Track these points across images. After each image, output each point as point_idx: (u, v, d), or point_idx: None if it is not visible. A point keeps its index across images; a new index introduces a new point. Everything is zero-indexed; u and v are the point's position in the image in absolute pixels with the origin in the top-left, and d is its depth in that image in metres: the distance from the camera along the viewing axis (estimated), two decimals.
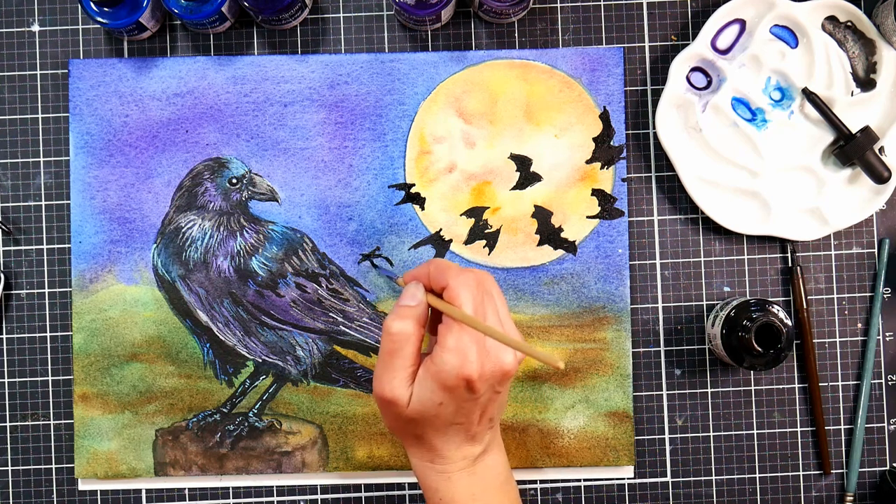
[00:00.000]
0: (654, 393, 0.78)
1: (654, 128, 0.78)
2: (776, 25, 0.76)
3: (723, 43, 0.77)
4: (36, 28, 0.78)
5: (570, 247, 0.77)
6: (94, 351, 0.77)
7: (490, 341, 0.59)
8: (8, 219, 0.78)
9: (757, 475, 0.78)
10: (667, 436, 0.78)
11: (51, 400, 0.78)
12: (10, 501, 0.77)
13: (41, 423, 0.78)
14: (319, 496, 0.78)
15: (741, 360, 0.73)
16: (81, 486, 0.78)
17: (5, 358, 0.78)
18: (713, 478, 0.78)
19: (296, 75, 0.77)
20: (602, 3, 0.78)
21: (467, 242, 0.77)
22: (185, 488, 0.78)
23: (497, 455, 0.64)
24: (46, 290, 0.78)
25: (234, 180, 0.77)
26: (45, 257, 0.78)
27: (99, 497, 0.78)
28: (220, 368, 0.77)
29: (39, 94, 0.78)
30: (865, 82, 0.77)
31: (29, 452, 0.78)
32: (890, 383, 0.78)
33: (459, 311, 0.58)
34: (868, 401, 0.78)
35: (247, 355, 0.77)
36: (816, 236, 0.77)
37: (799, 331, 0.78)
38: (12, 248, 0.78)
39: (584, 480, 0.78)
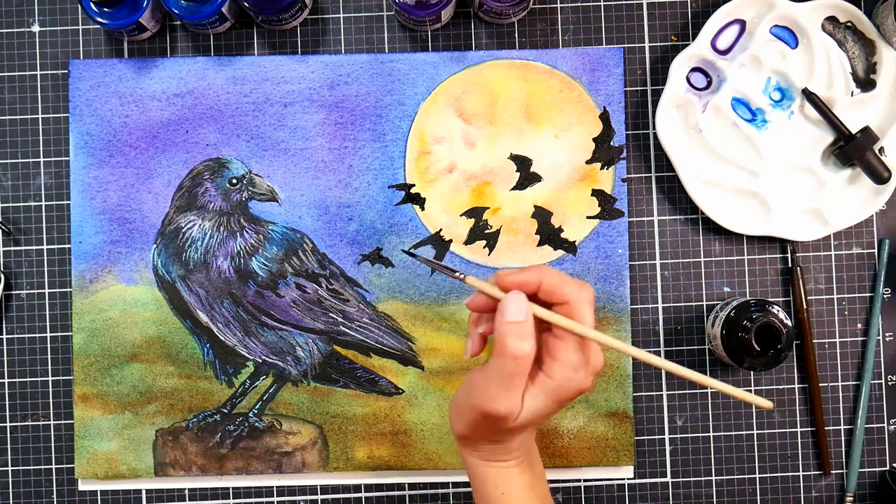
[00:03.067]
0: (654, 393, 0.78)
1: (654, 128, 0.78)
2: (776, 26, 0.76)
3: (723, 43, 0.77)
4: (36, 28, 0.78)
5: (570, 247, 0.77)
6: (94, 351, 0.77)
7: (590, 347, 0.59)
8: (8, 219, 0.78)
9: (757, 475, 0.78)
10: (667, 436, 0.78)
11: (51, 400, 0.78)
12: (10, 501, 0.77)
13: (41, 423, 0.78)
14: (319, 496, 0.78)
15: (741, 360, 0.73)
16: (81, 487, 0.78)
17: (5, 358, 0.78)
18: (713, 478, 0.78)
19: (296, 76, 0.77)
20: (602, 3, 0.78)
21: (467, 243, 0.77)
22: (185, 489, 0.78)
23: (536, 447, 0.65)
24: (46, 291, 0.78)
25: (234, 180, 0.77)
26: (45, 257, 0.78)
27: (99, 497, 0.78)
28: (220, 369, 0.77)
29: (39, 94, 0.78)
30: (865, 82, 0.77)
31: (29, 452, 0.78)
32: (890, 383, 0.78)
33: (595, 333, 0.57)
34: (868, 401, 0.78)
35: (247, 355, 0.77)
36: (816, 236, 0.77)
37: (799, 331, 0.78)
38: (12, 248, 0.78)
39: (584, 481, 0.78)
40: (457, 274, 0.61)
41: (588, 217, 0.77)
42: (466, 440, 0.62)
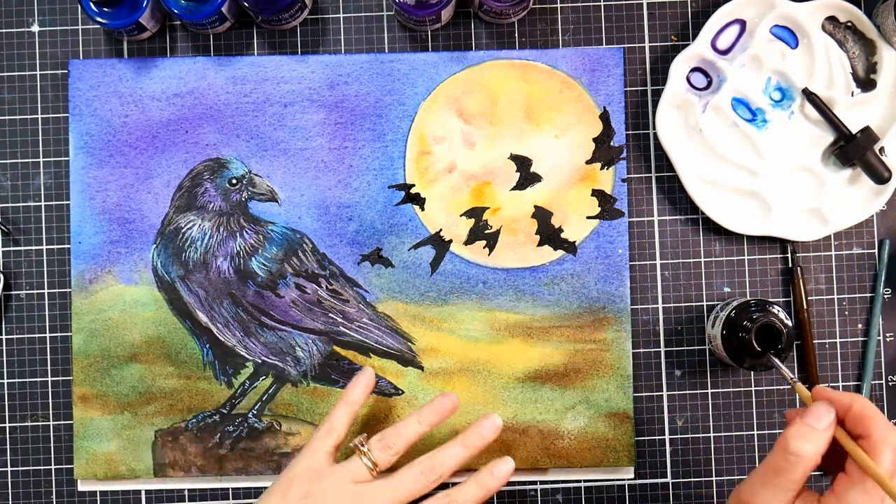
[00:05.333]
0: (655, 394, 0.78)
1: (654, 128, 0.78)
2: (776, 26, 0.76)
3: (723, 43, 0.77)
4: (36, 28, 0.78)
5: (570, 247, 0.77)
6: (93, 351, 0.77)
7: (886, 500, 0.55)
8: (8, 219, 0.78)
9: None
10: (667, 436, 0.78)
11: (50, 400, 0.78)
12: (10, 502, 0.77)
13: (41, 423, 0.78)
14: None
15: (741, 360, 0.72)
16: (81, 487, 0.77)
17: (5, 358, 0.78)
18: (713, 478, 0.78)
19: (296, 76, 0.77)
20: (602, 3, 0.78)
21: (467, 243, 0.77)
22: (184, 489, 0.78)
23: None
24: (46, 291, 0.78)
25: (234, 181, 0.77)
26: (45, 258, 0.78)
27: (98, 498, 0.77)
28: (219, 369, 0.77)
29: (39, 94, 0.78)
30: (865, 82, 0.77)
31: (28, 453, 0.78)
32: (890, 384, 0.78)
33: (883, 476, 0.53)
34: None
35: (246, 356, 0.77)
36: (816, 236, 0.77)
37: (799, 331, 0.78)
38: (12, 248, 0.78)
39: (585, 481, 0.78)
40: (792, 380, 0.63)
41: (588, 217, 0.77)
42: None
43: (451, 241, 0.77)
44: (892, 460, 0.53)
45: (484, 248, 0.77)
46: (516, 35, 0.78)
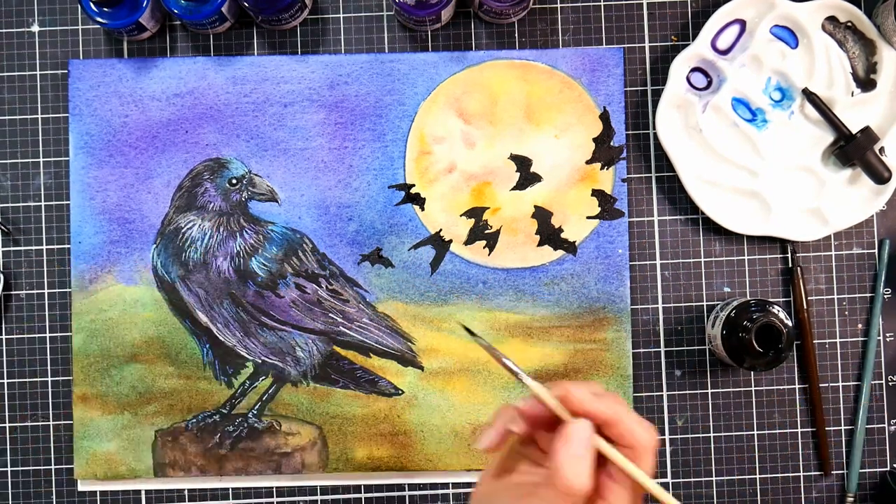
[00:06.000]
0: (655, 393, 0.78)
1: (654, 128, 0.78)
2: (776, 26, 0.76)
3: (723, 43, 0.77)
4: (36, 28, 0.78)
5: (570, 247, 0.77)
6: (93, 351, 0.77)
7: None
8: (8, 219, 0.78)
9: (757, 476, 0.78)
10: (667, 436, 0.78)
11: (50, 400, 0.78)
12: (10, 502, 0.77)
13: (41, 423, 0.78)
14: (319, 497, 0.78)
15: (741, 360, 0.72)
16: (81, 487, 0.77)
17: (5, 358, 0.78)
18: (713, 478, 0.78)
19: (296, 76, 0.77)
20: (602, 3, 0.78)
21: (467, 243, 0.77)
22: (184, 489, 0.78)
23: None
24: (46, 291, 0.78)
25: (234, 181, 0.77)
26: (45, 257, 0.78)
27: (98, 498, 0.77)
28: (219, 369, 0.77)
29: (39, 94, 0.78)
30: (865, 82, 0.77)
31: (28, 453, 0.78)
32: (890, 384, 0.78)
33: (658, 487, 0.52)
34: (868, 401, 0.78)
35: (246, 356, 0.77)
36: (816, 236, 0.77)
37: (799, 331, 0.78)
38: (12, 248, 0.78)
39: None
40: (519, 375, 0.55)
41: (588, 217, 0.77)
42: None
43: (451, 241, 0.77)
44: (651, 463, 0.52)
45: (484, 248, 0.77)
46: (516, 35, 0.78)
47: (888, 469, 0.78)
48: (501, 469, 0.56)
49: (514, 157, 0.77)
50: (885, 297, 0.78)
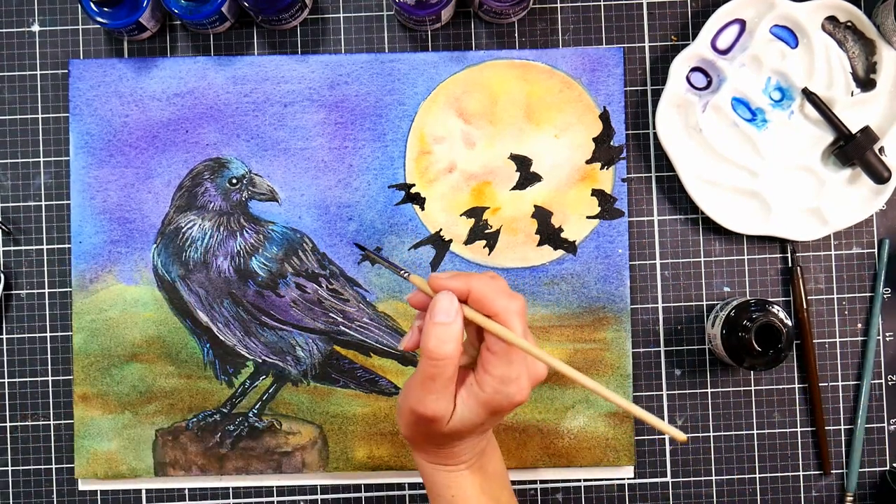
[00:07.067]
0: (654, 393, 0.78)
1: (654, 128, 0.78)
2: (776, 25, 0.76)
3: (723, 43, 0.77)
4: (36, 28, 0.78)
5: (570, 247, 0.77)
6: (94, 351, 0.77)
7: (528, 358, 0.58)
8: (8, 219, 0.78)
9: (757, 475, 0.78)
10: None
11: (51, 400, 0.78)
12: (10, 501, 0.77)
13: (41, 423, 0.78)
14: (319, 496, 0.78)
15: (741, 360, 0.73)
16: (81, 487, 0.78)
17: (5, 358, 0.78)
18: (713, 478, 0.78)
19: (296, 75, 0.77)
20: (602, 3, 0.78)
21: (467, 242, 0.77)
22: (184, 488, 0.78)
23: (493, 445, 0.65)
24: (46, 290, 0.78)
25: (234, 180, 0.77)
26: (45, 257, 0.78)
27: (99, 497, 0.78)
28: (220, 368, 0.77)
29: (39, 94, 0.78)
30: (865, 82, 0.77)
31: (29, 452, 0.78)
32: (890, 383, 0.78)
33: (521, 341, 0.56)
34: (868, 401, 0.78)
35: (247, 355, 0.77)
36: (816, 236, 0.77)
37: (799, 331, 0.78)
38: (12, 248, 0.78)
39: (584, 481, 0.78)
40: (402, 272, 0.61)
41: (588, 217, 0.77)
42: (412, 442, 0.62)
43: (451, 240, 0.77)
44: (521, 326, 0.56)
45: (484, 247, 0.77)
46: (516, 35, 0.78)
47: (888, 468, 0.78)
48: None
49: (514, 157, 0.77)
50: (885, 296, 0.78)
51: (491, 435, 0.65)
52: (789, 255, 0.78)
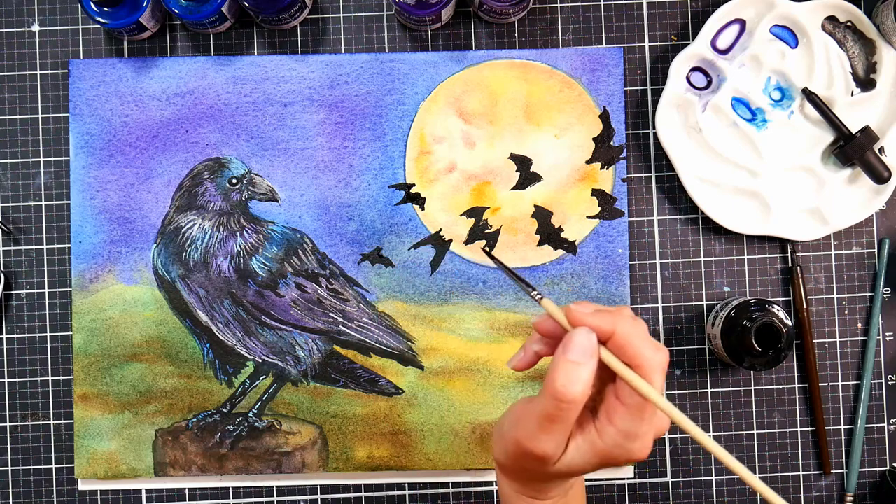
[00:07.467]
0: None
1: (654, 128, 0.78)
2: (776, 25, 0.76)
3: (723, 43, 0.77)
4: (36, 28, 0.78)
5: (570, 247, 0.77)
6: (94, 351, 0.77)
7: (657, 413, 0.52)
8: (8, 219, 0.78)
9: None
10: (667, 436, 0.78)
11: (51, 400, 0.78)
12: (10, 501, 0.77)
13: (41, 423, 0.78)
14: (319, 496, 0.78)
15: (741, 360, 0.73)
16: (81, 487, 0.78)
17: (5, 358, 0.78)
18: (713, 478, 0.78)
19: (296, 75, 0.77)
20: (602, 3, 0.78)
21: (467, 242, 0.77)
22: (185, 488, 0.78)
23: (580, 482, 0.61)
24: (46, 290, 0.78)
25: (234, 180, 0.77)
26: (45, 257, 0.78)
27: (99, 497, 0.78)
28: (220, 368, 0.77)
29: (39, 94, 0.78)
30: (865, 82, 0.77)
31: (29, 452, 0.78)
32: (890, 383, 0.78)
33: (664, 402, 0.50)
34: (868, 401, 0.78)
35: (247, 355, 0.77)
36: (816, 236, 0.77)
37: (799, 331, 0.78)
38: (12, 248, 0.78)
39: (584, 480, 0.78)
40: (534, 293, 0.55)
41: (588, 217, 0.77)
42: (504, 468, 0.57)
43: (451, 240, 0.77)
44: (661, 382, 0.52)
45: (484, 247, 0.77)
46: (516, 35, 0.78)
47: (888, 468, 0.78)
48: None
49: (514, 157, 0.77)
50: (885, 296, 0.78)
51: None
52: (789, 255, 0.78)
